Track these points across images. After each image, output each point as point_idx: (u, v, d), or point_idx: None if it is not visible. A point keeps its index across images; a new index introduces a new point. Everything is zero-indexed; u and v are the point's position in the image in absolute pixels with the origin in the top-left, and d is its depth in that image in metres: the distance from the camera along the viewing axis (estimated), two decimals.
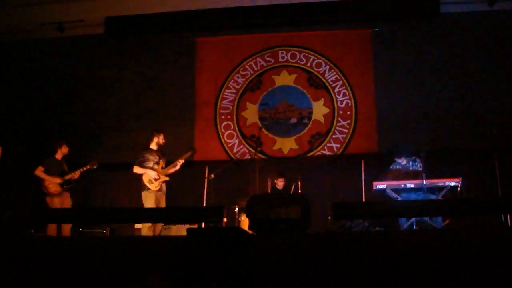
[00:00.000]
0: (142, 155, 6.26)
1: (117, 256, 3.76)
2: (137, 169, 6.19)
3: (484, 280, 3.28)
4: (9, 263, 3.78)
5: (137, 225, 6.61)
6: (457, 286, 3.29)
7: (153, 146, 6.35)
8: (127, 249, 3.84)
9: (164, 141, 6.38)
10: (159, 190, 6.14)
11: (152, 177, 6.11)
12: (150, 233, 5.99)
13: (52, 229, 6.26)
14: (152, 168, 6.16)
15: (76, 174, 6.49)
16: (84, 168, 6.51)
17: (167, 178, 6.23)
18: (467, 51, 7.67)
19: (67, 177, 6.47)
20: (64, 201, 6.49)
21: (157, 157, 6.27)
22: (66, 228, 6.39)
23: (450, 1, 7.65)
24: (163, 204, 6.19)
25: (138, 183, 6.26)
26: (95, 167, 6.55)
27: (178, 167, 6.32)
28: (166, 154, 6.46)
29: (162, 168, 6.24)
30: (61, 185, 6.44)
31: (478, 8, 7.66)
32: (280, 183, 7.00)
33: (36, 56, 8.47)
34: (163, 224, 6.29)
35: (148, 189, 6.09)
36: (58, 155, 6.63)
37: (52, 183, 6.39)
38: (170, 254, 3.61)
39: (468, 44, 7.68)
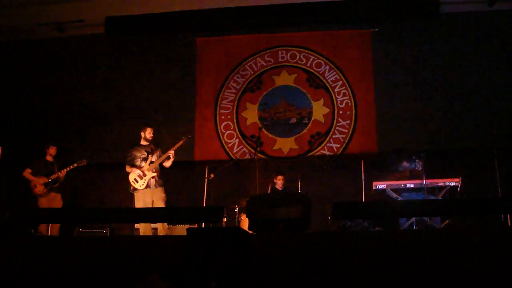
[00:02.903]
0: (130, 153, 6.22)
1: (117, 256, 3.76)
2: (127, 168, 6.17)
3: (484, 280, 3.28)
4: (9, 263, 3.78)
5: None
6: (457, 286, 3.29)
7: (143, 141, 6.30)
8: (127, 249, 3.84)
9: (151, 135, 6.29)
10: (147, 187, 6.05)
11: (136, 176, 6.06)
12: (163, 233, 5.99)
13: (43, 227, 6.26)
14: (138, 166, 6.10)
15: (62, 173, 6.51)
16: (71, 167, 6.53)
17: (155, 174, 6.10)
18: (467, 51, 7.66)
19: (53, 177, 6.48)
20: (52, 202, 6.48)
21: (145, 153, 6.19)
22: (54, 228, 6.41)
23: (450, 1, 7.65)
24: (158, 200, 6.05)
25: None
26: (83, 164, 6.53)
27: (172, 157, 6.19)
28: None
29: (152, 162, 6.14)
30: (45, 185, 6.42)
31: (478, 8, 7.64)
32: (279, 182, 6.99)
33: (36, 56, 8.47)
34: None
35: (135, 189, 6.05)
36: (48, 157, 6.68)
37: (37, 184, 6.41)
38: (170, 254, 3.61)
39: (468, 44, 7.67)
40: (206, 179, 7.18)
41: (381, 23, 7.94)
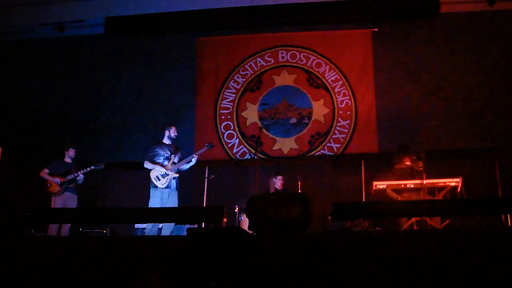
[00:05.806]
0: (153, 150, 6.13)
1: (117, 256, 3.76)
2: (147, 164, 6.05)
3: (484, 280, 3.28)
4: (9, 263, 3.78)
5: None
6: (457, 286, 3.29)
7: (166, 140, 6.23)
8: (127, 249, 3.84)
9: (176, 133, 6.24)
10: (167, 187, 5.98)
11: (159, 174, 5.99)
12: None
13: (52, 229, 6.27)
14: (161, 164, 6.03)
15: (79, 175, 6.53)
16: (88, 169, 6.55)
17: (177, 175, 6.04)
18: (467, 51, 7.67)
19: (69, 177, 6.50)
20: (67, 202, 6.50)
21: (169, 152, 6.11)
22: (64, 229, 6.40)
23: (450, 1, 7.65)
24: (172, 202, 5.99)
25: (145, 180, 6.15)
26: (100, 167, 6.58)
27: (193, 162, 6.14)
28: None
29: (174, 163, 6.08)
30: (61, 184, 6.46)
31: (478, 8, 7.66)
32: (278, 182, 6.99)
33: (36, 56, 8.48)
34: None
35: (155, 186, 5.96)
36: (66, 158, 6.72)
37: (52, 183, 6.44)
38: (170, 254, 3.61)
39: (468, 44, 7.68)
40: (206, 179, 7.18)
41: (381, 23, 7.94)
